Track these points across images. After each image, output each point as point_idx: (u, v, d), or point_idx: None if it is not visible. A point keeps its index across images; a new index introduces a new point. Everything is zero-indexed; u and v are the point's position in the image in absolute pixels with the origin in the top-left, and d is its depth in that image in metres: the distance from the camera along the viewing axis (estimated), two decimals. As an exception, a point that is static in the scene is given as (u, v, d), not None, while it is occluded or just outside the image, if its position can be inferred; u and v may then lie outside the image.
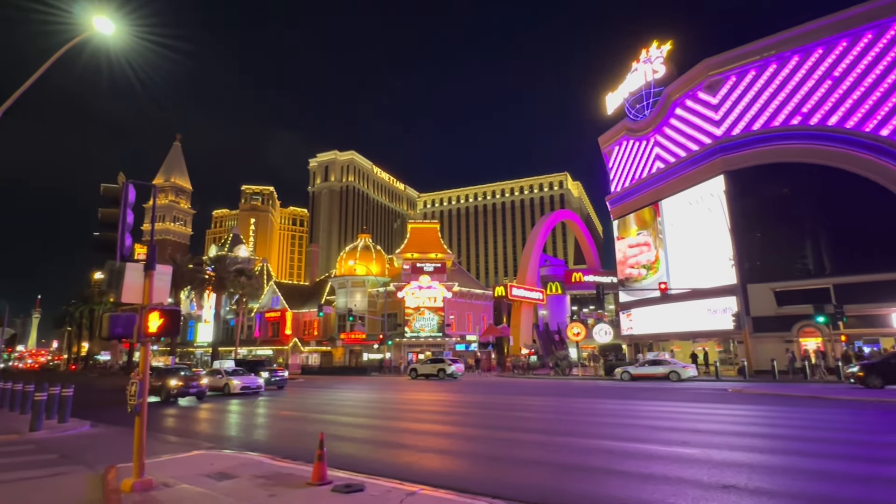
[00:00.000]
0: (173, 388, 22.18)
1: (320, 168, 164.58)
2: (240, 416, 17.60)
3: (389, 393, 26.41)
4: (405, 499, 6.33)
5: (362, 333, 58.88)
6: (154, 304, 6.95)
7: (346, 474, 7.73)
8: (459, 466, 8.92)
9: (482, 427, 13.53)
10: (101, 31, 13.71)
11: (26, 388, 17.36)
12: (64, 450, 10.86)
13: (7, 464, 9.45)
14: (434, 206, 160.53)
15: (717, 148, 39.49)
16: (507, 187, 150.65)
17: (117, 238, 6.92)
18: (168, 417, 17.22)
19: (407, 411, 18.12)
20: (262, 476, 7.66)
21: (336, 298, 63.21)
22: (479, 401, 21.28)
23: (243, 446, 10.99)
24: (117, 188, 7.14)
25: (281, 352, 64.04)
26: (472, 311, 62.95)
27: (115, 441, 12.23)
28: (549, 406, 18.75)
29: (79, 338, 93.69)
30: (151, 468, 7.65)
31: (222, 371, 27.05)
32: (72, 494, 7.06)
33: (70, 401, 15.14)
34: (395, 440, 11.80)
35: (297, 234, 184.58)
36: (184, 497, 6.59)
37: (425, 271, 58.72)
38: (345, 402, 21.78)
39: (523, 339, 55.31)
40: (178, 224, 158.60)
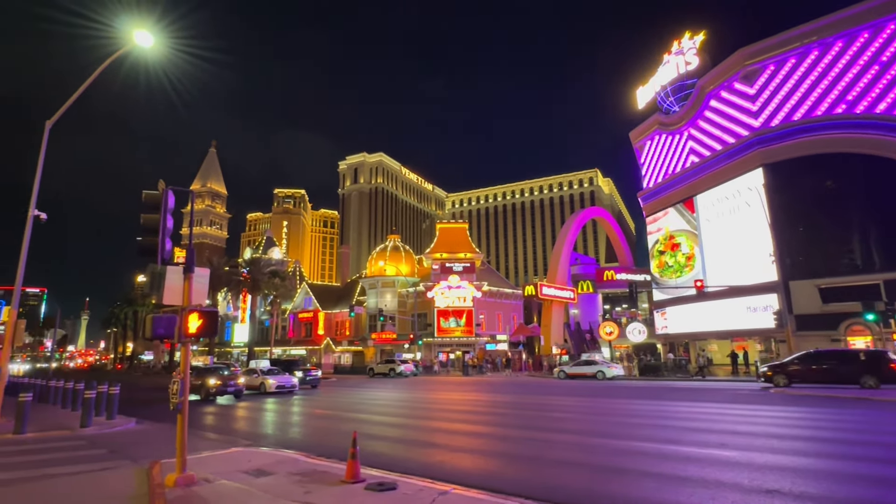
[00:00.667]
0: (212, 386, 22.90)
1: (350, 170, 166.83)
2: (275, 415, 18.03)
3: (420, 392, 26.57)
4: (437, 498, 6.37)
5: (393, 333, 59.42)
6: (193, 306, 7.21)
7: (378, 472, 7.83)
8: (491, 466, 8.90)
9: (514, 427, 13.46)
10: (141, 45, 14.27)
11: (77, 387, 18.27)
12: (112, 445, 11.38)
13: (61, 458, 9.98)
14: (462, 205, 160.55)
15: (754, 140, 38.10)
16: (536, 185, 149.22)
17: (158, 242, 7.22)
18: (207, 415, 17.79)
19: (438, 411, 18.19)
20: (297, 473, 7.84)
21: (367, 299, 63.99)
22: (511, 401, 21.17)
23: (279, 444, 11.25)
24: (158, 194, 7.44)
25: (314, 351, 65.27)
26: (501, 310, 62.66)
27: (158, 437, 12.72)
28: (582, 406, 18.49)
29: (124, 338, 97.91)
30: (193, 464, 7.92)
31: (258, 370, 27.77)
32: (120, 488, 7.39)
33: (117, 399, 15.84)
34: (426, 439, 11.87)
35: (328, 236, 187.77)
36: (224, 492, 6.81)
37: (454, 271, 58.78)
38: (377, 402, 22.03)
39: (554, 338, 54.71)
40: (214, 228, 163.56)
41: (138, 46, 14.01)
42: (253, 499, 6.48)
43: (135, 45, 14.39)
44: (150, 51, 14.65)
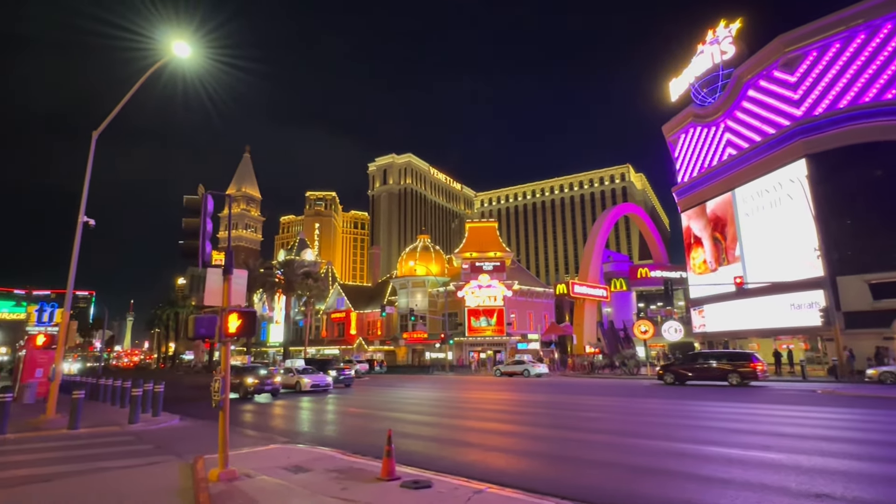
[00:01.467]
0: (250, 385, 23.55)
1: (379, 172, 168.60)
2: (311, 413, 18.40)
3: (453, 392, 26.62)
4: (472, 496, 6.37)
5: (424, 333, 59.74)
6: (232, 307, 7.44)
7: (413, 470, 7.89)
8: (526, 466, 8.85)
9: (548, 427, 13.34)
10: (179, 56, 14.80)
11: (124, 385, 19.11)
12: (157, 441, 11.85)
13: (112, 452, 10.46)
14: (491, 204, 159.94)
15: (797, 129, 36.53)
16: (566, 182, 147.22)
17: (199, 245, 7.47)
18: (246, 413, 18.30)
19: (471, 410, 18.19)
20: (334, 470, 7.98)
21: (398, 298, 64.54)
22: (544, 400, 20.98)
23: (315, 441, 11.48)
24: (198, 199, 7.71)
25: (347, 351, 66.27)
26: (533, 309, 62.14)
27: (201, 433, 13.17)
28: (617, 406, 18.15)
29: (166, 338, 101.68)
30: (234, 460, 8.16)
31: (294, 370, 28.38)
32: (167, 482, 7.70)
33: (161, 397, 16.49)
34: (460, 438, 11.89)
35: (359, 237, 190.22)
36: (264, 488, 7.00)
37: (484, 270, 58.63)
38: (409, 400, 22.19)
39: (587, 337, 53.90)
40: (249, 231, 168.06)
41: (177, 57, 14.54)
42: (292, 494, 6.64)
43: (173, 56, 14.96)
44: (188, 61, 15.19)
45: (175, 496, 6.87)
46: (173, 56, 14.65)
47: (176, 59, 14.45)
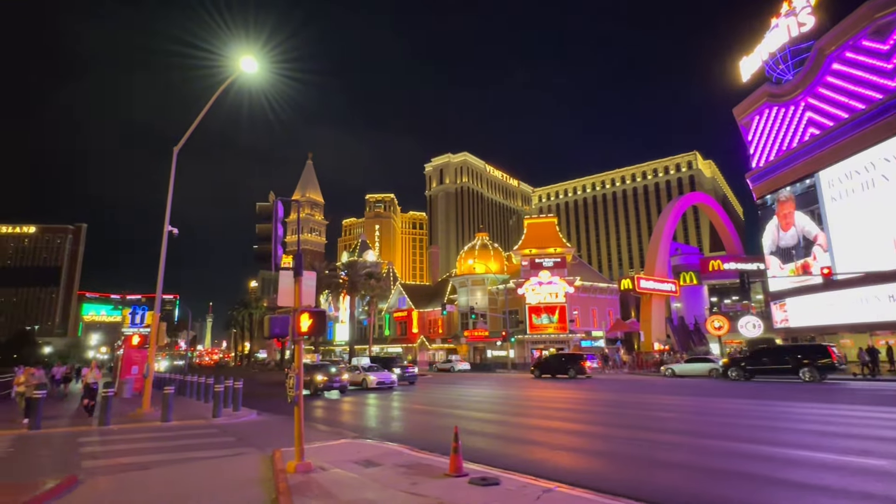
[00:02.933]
0: (320, 382, 24.55)
1: (435, 172, 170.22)
2: (377, 409, 18.91)
3: (516, 390, 26.42)
4: (542, 495, 6.30)
5: (485, 331, 59.66)
6: (304, 307, 7.80)
7: (479, 467, 7.92)
8: (595, 465, 8.63)
9: (616, 426, 12.93)
10: (247, 71, 15.66)
11: (207, 381, 20.53)
12: (239, 434, 12.63)
13: (200, 443, 11.28)
14: (550, 199, 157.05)
15: (892, 103, 33.09)
16: (629, 173, 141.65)
17: (272, 249, 7.90)
18: (317, 408, 19.09)
19: (536, 408, 17.98)
20: (403, 465, 8.16)
21: (458, 297, 64.89)
22: (611, 399, 20.35)
23: (383, 437, 11.79)
24: (269, 206, 8.15)
25: (409, 349, 67.49)
26: (596, 305, 60.38)
27: (277, 428, 13.89)
28: (690, 406, 17.27)
29: (242, 338, 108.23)
30: (308, 453, 8.54)
31: (360, 367, 29.30)
32: (249, 472, 8.20)
33: (241, 393, 17.57)
34: (525, 436, 11.79)
35: (418, 237, 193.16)
36: (338, 480, 7.28)
37: (545, 267, 57.65)
38: (473, 398, 22.26)
39: (655, 334, 51.66)
40: (314, 234, 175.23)
41: (245, 72, 15.42)
42: (365, 487, 6.86)
43: (242, 72, 15.87)
44: (255, 75, 16.06)
45: (257, 486, 7.30)
46: (242, 71, 15.55)
47: (244, 74, 15.33)
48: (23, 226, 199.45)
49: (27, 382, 13.98)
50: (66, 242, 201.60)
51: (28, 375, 14.26)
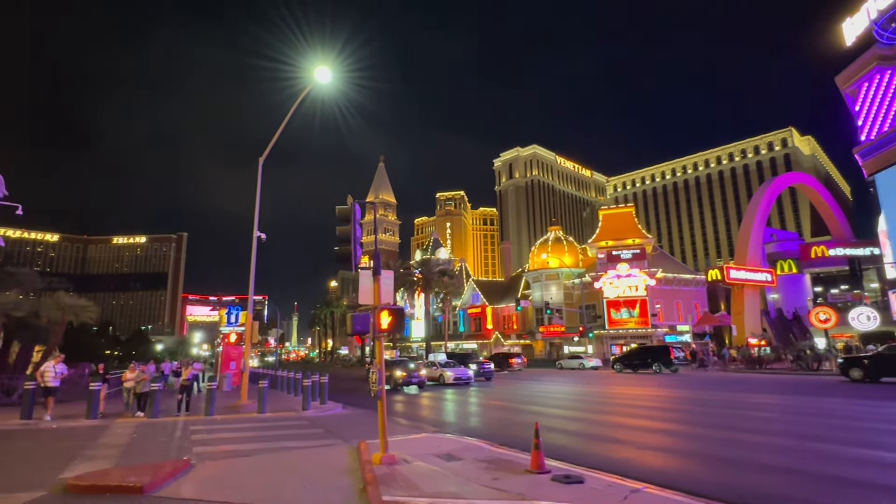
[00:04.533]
0: (399, 377, 25.28)
1: (504, 166, 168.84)
2: (455, 404, 19.15)
3: (596, 387, 25.63)
4: (629, 495, 6.08)
5: (561, 326, 58.42)
6: (383, 305, 8.08)
7: (561, 465, 7.78)
8: (685, 466, 8.18)
9: (708, 426, 12.15)
10: (321, 81, 16.42)
11: (296, 376, 21.86)
12: (326, 426, 13.34)
13: (291, 434, 12.05)
14: (626, 188, 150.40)
15: None
16: (713, 156, 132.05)
17: (352, 250, 8.26)
18: (397, 403, 19.68)
19: (618, 406, 17.35)
20: (483, 460, 8.22)
21: (532, 292, 64.05)
22: (701, 397, 19.15)
23: (462, 431, 11.92)
24: (348, 209, 8.53)
25: (484, 345, 67.62)
26: (680, 298, 57.04)
27: (361, 421, 14.50)
28: (791, 405, 15.84)
29: (325, 335, 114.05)
30: (391, 446, 8.83)
31: (437, 363, 29.81)
32: (338, 462, 8.64)
33: (327, 387, 18.52)
34: (609, 434, 11.42)
35: (489, 233, 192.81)
36: (421, 473, 7.48)
37: (622, 259, 55.36)
38: (551, 395, 21.90)
39: (749, 327, 47.90)
40: (387, 235, 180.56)
41: (319, 83, 16.20)
42: (447, 481, 6.99)
43: (317, 83, 16.69)
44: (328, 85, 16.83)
45: (347, 475, 7.68)
46: (317, 82, 16.35)
47: (319, 84, 16.11)
48: (135, 236, 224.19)
49: (137, 378, 15.46)
50: (171, 250, 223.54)
51: (139, 371, 15.78)
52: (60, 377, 14.94)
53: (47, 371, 14.57)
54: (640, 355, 37.25)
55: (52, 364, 14.85)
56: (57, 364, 14.98)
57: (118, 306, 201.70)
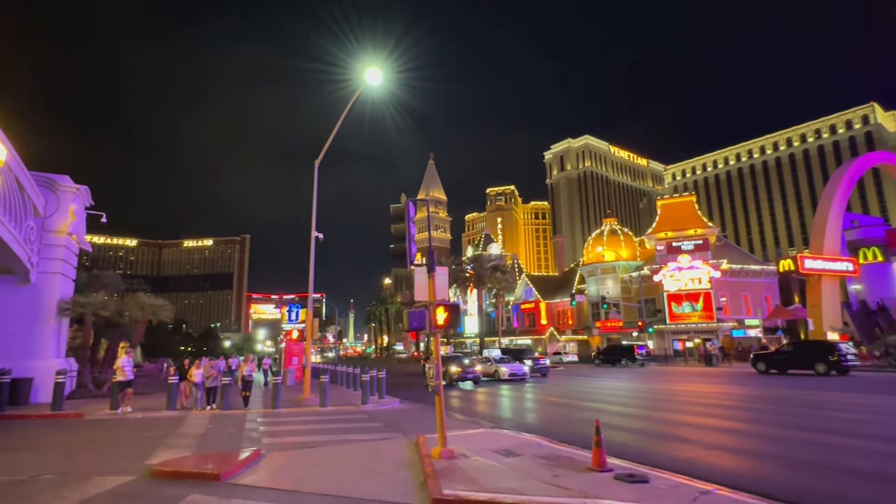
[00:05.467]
0: (454, 373, 25.46)
1: (555, 159, 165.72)
2: (511, 400, 19.07)
3: (657, 383, 24.72)
4: (698, 497, 5.84)
5: (618, 321, 56.70)
6: (439, 301, 8.17)
7: (623, 463, 7.59)
8: (758, 468, 7.74)
9: (782, 426, 11.43)
10: (372, 83, 16.75)
11: (354, 371, 22.51)
12: (385, 420, 13.66)
13: (352, 427, 12.44)
14: (685, 176, 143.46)
15: None
16: (782, 138, 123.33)
17: (406, 248, 8.39)
18: (453, 398, 19.83)
19: (682, 403, 16.65)
20: (542, 457, 8.14)
21: (587, 286, 62.54)
22: (774, 395, 18.04)
23: (518, 427, 11.86)
24: (402, 207, 8.67)
25: (539, 341, 66.76)
26: (749, 290, 53.81)
27: (418, 415, 14.75)
28: (879, 406, 14.60)
29: (380, 331, 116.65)
30: (448, 440, 8.92)
31: (491, 359, 29.76)
32: (398, 455, 8.84)
33: (384, 382, 18.96)
34: (673, 433, 10.99)
35: (541, 227, 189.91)
36: (479, 468, 7.51)
37: (683, 250, 52.91)
38: (609, 391, 21.35)
39: (828, 321, 44.48)
40: (438, 231, 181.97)
41: (371, 84, 16.53)
42: (506, 476, 6.98)
43: (367, 85, 17.04)
44: (379, 87, 17.14)
45: (407, 468, 7.85)
46: (367, 84, 16.69)
47: (370, 85, 16.45)
48: (202, 240, 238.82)
49: (206, 373, 16.29)
50: (235, 252, 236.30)
51: (206, 367, 16.67)
52: (131, 369, 15.43)
53: (122, 366, 15.15)
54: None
55: (124, 358, 15.42)
56: (131, 357, 15.70)
57: (190, 305, 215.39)
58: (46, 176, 19.29)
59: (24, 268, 17.65)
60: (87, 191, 21.04)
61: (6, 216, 15.37)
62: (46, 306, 18.91)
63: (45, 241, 19.21)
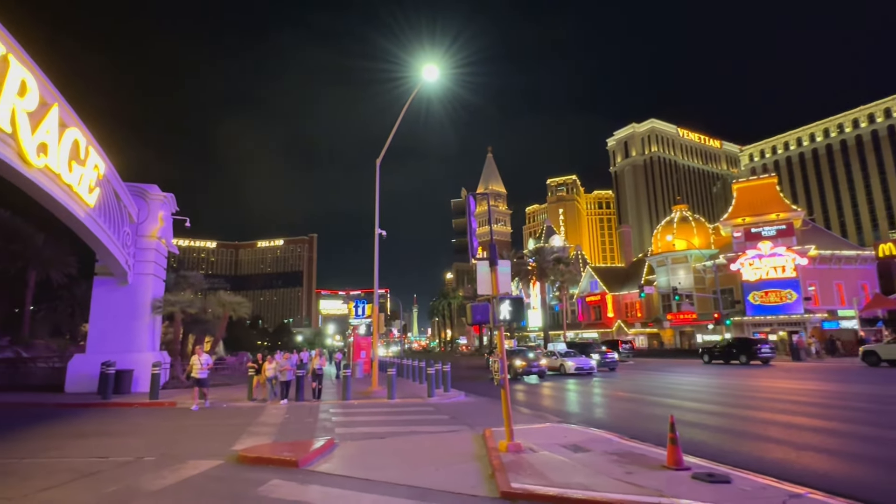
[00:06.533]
0: (519, 367, 25.26)
1: (619, 146, 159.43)
2: (578, 395, 18.66)
3: (737, 379, 23.24)
4: (788, 500, 5.44)
5: (692, 313, 53.84)
6: (502, 294, 8.13)
7: (701, 462, 7.22)
8: (858, 472, 7.08)
9: (882, 426, 10.39)
10: (428, 79, 16.88)
11: (419, 365, 22.92)
12: (451, 412, 13.82)
13: (419, 419, 12.70)
14: (764, 157, 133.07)
15: None
16: (879, 109, 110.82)
17: (468, 241, 8.41)
18: (518, 392, 19.71)
19: (766, 400, 15.54)
20: (613, 453, 7.92)
21: (656, 277, 59.83)
22: (872, 393, 16.43)
23: (586, 422, 11.59)
24: (462, 202, 8.73)
25: (606, 334, 64.81)
26: (842, 278, 49.20)
27: (483, 408, 14.79)
28: None
29: (443, 325, 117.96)
30: (516, 434, 8.89)
31: (556, 353, 29.26)
32: (465, 448, 8.93)
33: (449, 376, 19.17)
34: (757, 432, 10.30)
35: (605, 217, 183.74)
36: (548, 462, 7.42)
37: (764, 236, 49.25)
38: (684, 387, 20.35)
39: (939, 311, 39.80)
40: (499, 225, 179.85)
41: (427, 82, 16.67)
42: (576, 471, 6.86)
43: (425, 81, 17.20)
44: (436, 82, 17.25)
45: (474, 460, 7.91)
46: (425, 80, 16.84)
47: (428, 81, 16.60)
48: (274, 240, 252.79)
49: (279, 367, 17.01)
50: (304, 250, 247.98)
51: (279, 361, 17.45)
52: (207, 367, 15.29)
53: (195, 364, 15.13)
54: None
55: (198, 357, 15.31)
56: (201, 356, 15.43)
57: (264, 302, 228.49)
58: (138, 185, 21.09)
59: (122, 270, 19.46)
60: (173, 198, 22.81)
61: (106, 223, 17.01)
62: (142, 304, 20.75)
63: (138, 246, 21.05)
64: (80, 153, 14.00)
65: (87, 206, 14.86)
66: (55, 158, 12.49)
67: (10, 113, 10.48)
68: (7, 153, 10.62)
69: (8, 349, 33.18)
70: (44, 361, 24.31)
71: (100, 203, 16.15)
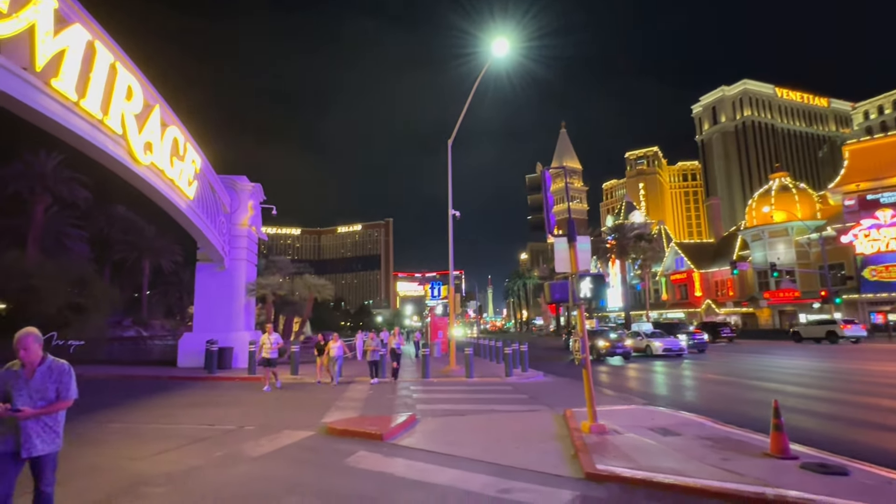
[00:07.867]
0: (602, 347, 24.44)
1: (706, 112, 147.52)
2: (665, 377, 17.78)
3: (850, 362, 20.99)
4: (920, 497, 4.81)
5: (794, 291, 49.24)
6: (581, 272, 7.83)
7: (808, 450, 6.57)
8: None
9: None
10: (498, 55, 16.46)
11: (496, 345, 22.95)
12: (529, 392, 13.71)
13: (498, 398, 12.72)
14: (883, 113, 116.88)
15: None
16: None
17: (545, 217, 8.16)
18: (601, 373, 19.12)
19: (885, 386, 13.90)
20: (706, 437, 7.44)
21: (750, 253, 55.21)
22: None
23: (675, 405, 10.99)
24: (537, 177, 8.44)
25: (693, 314, 61.13)
26: (983, 249, 42.57)
27: (563, 389, 14.52)
28: None
29: (518, 306, 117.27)
30: (599, 415, 8.62)
31: (642, 333, 28.02)
32: (545, 427, 8.82)
33: (527, 356, 19.03)
34: (875, 420, 9.24)
35: (690, 190, 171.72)
36: (634, 445, 7.12)
37: (883, 204, 43.68)
38: (786, 370, 18.71)
39: None
40: (575, 202, 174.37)
41: (498, 56, 16.26)
42: (665, 456, 6.52)
43: (494, 57, 16.81)
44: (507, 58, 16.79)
45: (555, 440, 7.78)
46: (495, 56, 16.45)
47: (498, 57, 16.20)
48: (352, 225, 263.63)
49: (368, 346, 17.59)
50: (381, 234, 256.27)
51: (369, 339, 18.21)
52: (277, 346, 14.80)
53: (266, 343, 14.65)
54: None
55: (268, 335, 14.88)
56: (271, 334, 14.96)
57: (346, 285, 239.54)
58: (229, 177, 22.69)
59: (219, 255, 21.16)
60: (260, 188, 24.33)
61: (204, 213, 18.51)
62: (238, 287, 22.49)
63: (232, 234, 22.74)
64: (179, 150, 15.27)
65: (187, 199, 16.23)
66: (159, 155, 13.71)
67: (120, 116, 11.59)
68: (119, 152, 11.80)
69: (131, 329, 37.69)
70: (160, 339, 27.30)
71: (198, 195, 17.57)
